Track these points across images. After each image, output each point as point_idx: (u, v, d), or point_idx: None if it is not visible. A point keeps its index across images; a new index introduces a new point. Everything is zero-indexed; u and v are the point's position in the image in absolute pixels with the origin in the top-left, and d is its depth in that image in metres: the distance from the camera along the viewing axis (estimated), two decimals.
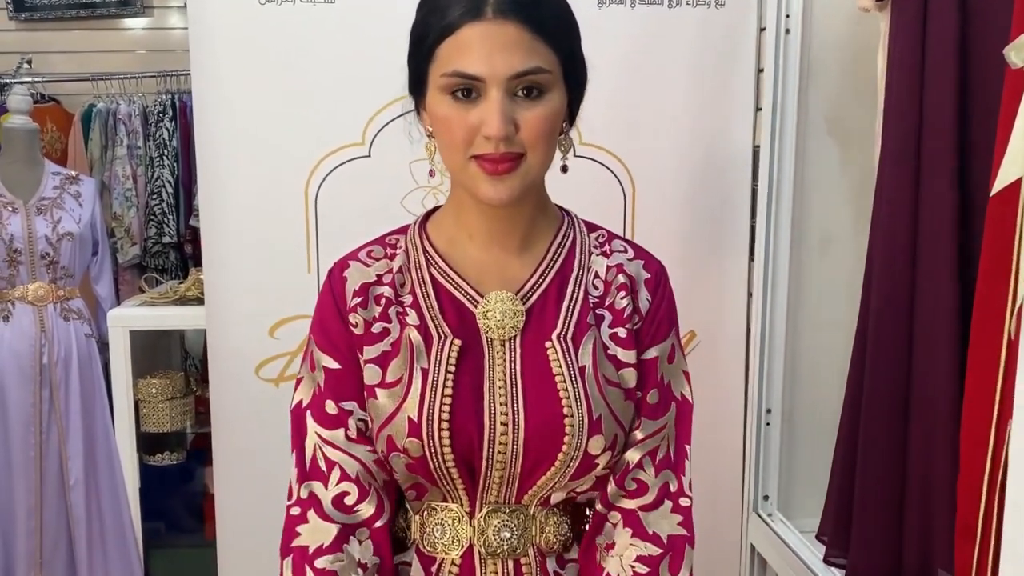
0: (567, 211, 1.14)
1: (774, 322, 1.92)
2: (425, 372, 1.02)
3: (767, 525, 1.93)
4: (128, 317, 2.83)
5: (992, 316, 1.12)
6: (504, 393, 1.02)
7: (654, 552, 1.05)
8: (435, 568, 1.07)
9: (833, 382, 1.81)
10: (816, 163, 1.88)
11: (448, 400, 1.00)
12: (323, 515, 1.04)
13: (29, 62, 3.35)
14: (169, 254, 3.41)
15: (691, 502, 1.09)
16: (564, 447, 1.01)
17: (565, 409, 1.00)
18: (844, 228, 1.89)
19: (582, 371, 1.02)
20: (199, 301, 2.67)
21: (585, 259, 1.09)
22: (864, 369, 1.52)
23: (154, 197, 3.34)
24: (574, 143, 1.08)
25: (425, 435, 1.00)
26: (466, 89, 0.96)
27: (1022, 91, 1.06)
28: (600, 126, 1.85)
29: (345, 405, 1.05)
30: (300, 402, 1.08)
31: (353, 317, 1.05)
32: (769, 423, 1.95)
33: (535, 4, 0.96)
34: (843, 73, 1.85)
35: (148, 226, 3.36)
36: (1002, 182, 1.08)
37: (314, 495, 1.04)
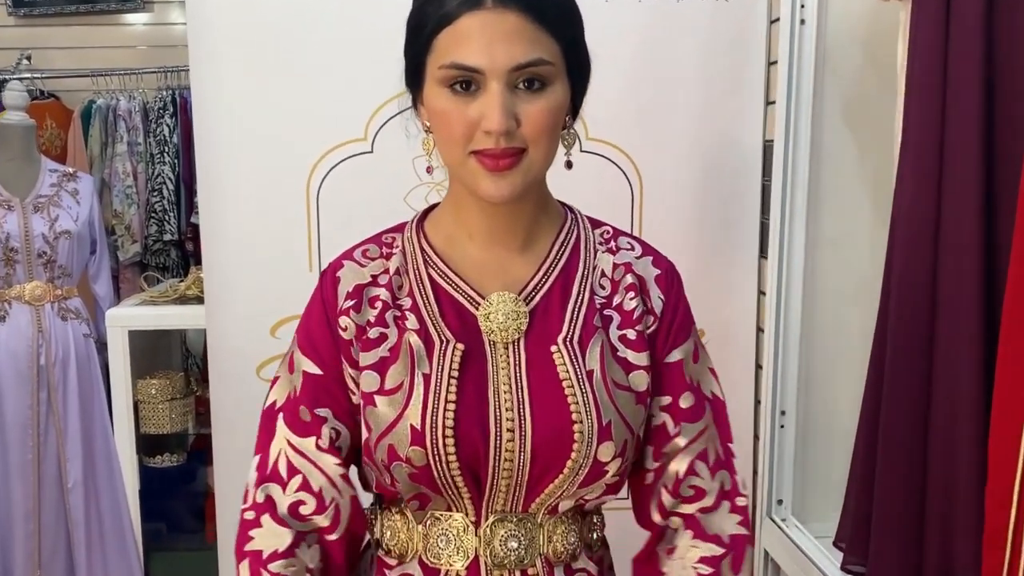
0: (570, 207, 1.11)
1: (788, 322, 1.89)
2: (427, 378, 0.98)
3: (781, 530, 1.90)
4: (127, 317, 2.81)
5: None
6: (510, 398, 0.99)
7: (717, 552, 1.05)
8: None
9: (849, 383, 1.79)
10: (832, 158, 1.85)
11: (452, 406, 0.97)
12: (277, 519, 1.03)
13: (28, 58, 3.34)
14: (170, 252, 3.41)
15: (747, 500, 1.09)
16: (573, 454, 0.98)
17: (574, 415, 0.97)
18: (861, 225, 1.86)
19: (590, 375, 0.99)
20: (199, 300, 2.65)
21: (590, 257, 1.06)
22: (883, 370, 1.48)
23: (155, 194, 3.32)
24: (580, 137, 1.05)
25: (429, 443, 0.97)
26: (465, 82, 0.93)
27: None
28: (606, 120, 1.84)
29: (320, 412, 1.03)
30: (274, 403, 1.06)
31: (344, 320, 1.03)
32: (783, 425, 1.92)
33: None
34: (860, 64, 1.82)
35: (149, 223, 3.35)
36: None
37: (271, 499, 1.03)
